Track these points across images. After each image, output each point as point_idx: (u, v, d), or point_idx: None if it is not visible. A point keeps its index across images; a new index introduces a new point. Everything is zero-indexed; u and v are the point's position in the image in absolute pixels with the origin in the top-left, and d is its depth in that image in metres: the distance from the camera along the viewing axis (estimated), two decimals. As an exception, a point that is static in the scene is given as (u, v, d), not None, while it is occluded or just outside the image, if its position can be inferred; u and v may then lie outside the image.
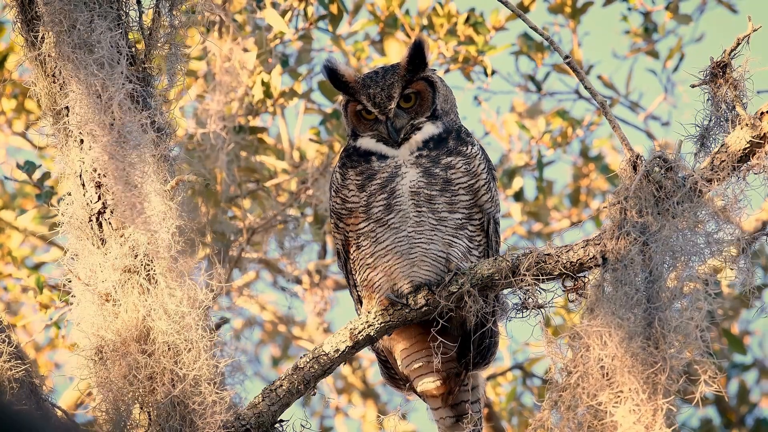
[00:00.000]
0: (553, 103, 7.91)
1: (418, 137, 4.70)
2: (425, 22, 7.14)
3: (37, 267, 7.51)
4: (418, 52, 4.71)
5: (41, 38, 4.48)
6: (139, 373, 4.32)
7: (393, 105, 4.71)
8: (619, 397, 4.20)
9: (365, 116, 4.74)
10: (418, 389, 4.84)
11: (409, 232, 4.62)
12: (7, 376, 4.35)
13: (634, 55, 7.72)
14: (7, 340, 4.42)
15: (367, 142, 4.72)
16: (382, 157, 4.69)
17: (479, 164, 4.70)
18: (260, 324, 8.73)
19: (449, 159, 4.67)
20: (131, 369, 4.32)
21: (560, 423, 4.26)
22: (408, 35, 7.12)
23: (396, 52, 7.02)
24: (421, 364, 4.80)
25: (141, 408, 4.35)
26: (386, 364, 4.92)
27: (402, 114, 4.72)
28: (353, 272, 4.75)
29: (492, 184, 4.73)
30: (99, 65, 4.40)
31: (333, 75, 4.72)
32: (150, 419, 4.36)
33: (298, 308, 8.58)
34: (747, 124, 4.36)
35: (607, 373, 4.22)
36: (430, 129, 4.72)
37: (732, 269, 4.34)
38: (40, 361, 8.15)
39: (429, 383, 4.82)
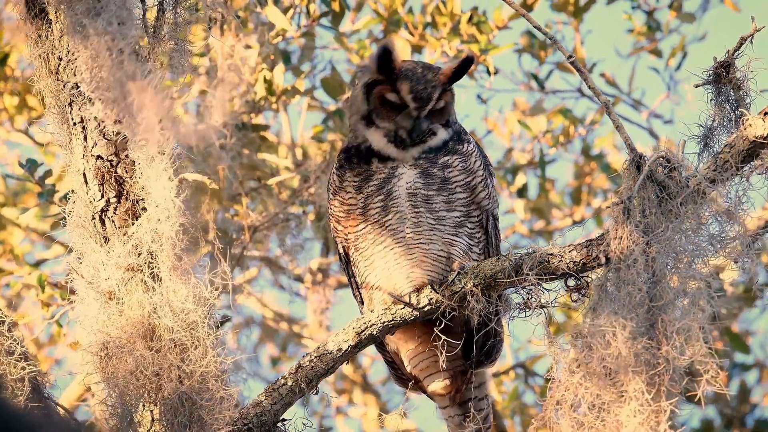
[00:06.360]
0: (556, 101, 7.91)
1: (432, 142, 4.69)
2: (428, 20, 7.13)
3: (38, 264, 7.50)
4: (466, 67, 4.72)
5: (49, 28, 4.49)
6: (146, 369, 4.32)
7: (430, 106, 4.68)
8: (622, 396, 4.20)
9: (392, 102, 4.70)
10: (428, 389, 4.85)
11: (408, 233, 4.62)
12: (19, 375, 4.36)
13: (637, 53, 7.72)
14: (18, 340, 4.43)
15: (378, 141, 4.69)
16: (384, 159, 4.68)
17: (475, 161, 4.69)
18: (258, 324, 8.73)
19: (446, 158, 4.67)
20: (138, 365, 4.32)
21: (562, 422, 4.26)
22: (411, 33, 7.12)
23: (399, 50, 7.01)
24: (428, 364, 4.80)
25: (147, 404, 4.35)
26: (393, 365, 4.92)
27: (427, 117, 4.70)
28: (354, 275, 4.74)
29: (489, 180, 4.72)
30: (108, 23, 4.36)
31: (386, 57, 4.67)
32: (152, 416, 4.36)
33: (299, 306, 8.59)
34: (751, 124, 4.35)
35: (609, 373, 4.22)
36: (442, 135, 4.71)
37: (736, 262, 4.34)
38: (40, 357, 8.15)
39: (437, 383, 4.82)
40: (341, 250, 4.75)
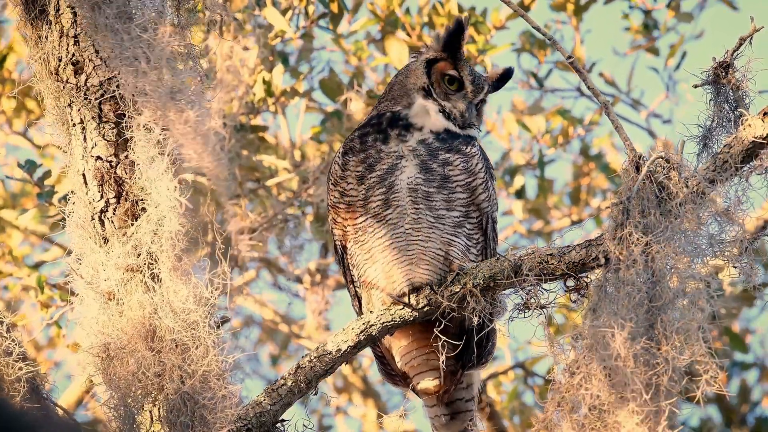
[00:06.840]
0: (555, 100, 7.91)
1: (472, 132, 4.81)
2: (426, 20, 7.14)
3: (37, 266, 7.49)
4: (507, 78, 4.92)
5: (50, 29, 4.48)
6: (147, 370, 4.32)
7: (482, 96, 4.85)
8: (622, 397, 4.19)
9: (452, 79, 4.83)
10: (417, 387, 4.84)
11: (407, 229, 4.62)
12: (17, 375, 4.36)
13: (635, 52, 7.73)
14: (16, 341, 4.42)
15: (430, 106, 4.78)
16: (406, 130, 4.70)
17: (477, 163, 4.71)
18: (259, 323, 8.73)
19: (447, 156, 4.68)
20: (140, 366, 4.32)
21: (563, 424, 4.25)
22: (408, 34, 7.12)
23: (397, 51, 7.02)
24: (419, 362, 4.79)
25: (149, 405, 4.35)
26: (383, 360, 4.92)
27: (477, 107, 4.87)
28: (350, 268, 4.74)
29: (490, 183, 4.74)
30: (142, 29, 4.37)
31: (458, 33, 4.81)
32: (151, 416, 4.36)
33: (298, 307, 8.58)
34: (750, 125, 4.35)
35: (609, 374, 4.22)
36: (475, 132, 4.86)
37: (735, 267, 4.33)
38: (39, 359, 8.14)
39: (427, 381, 4.81)
40: (338, 243, 4.75)
